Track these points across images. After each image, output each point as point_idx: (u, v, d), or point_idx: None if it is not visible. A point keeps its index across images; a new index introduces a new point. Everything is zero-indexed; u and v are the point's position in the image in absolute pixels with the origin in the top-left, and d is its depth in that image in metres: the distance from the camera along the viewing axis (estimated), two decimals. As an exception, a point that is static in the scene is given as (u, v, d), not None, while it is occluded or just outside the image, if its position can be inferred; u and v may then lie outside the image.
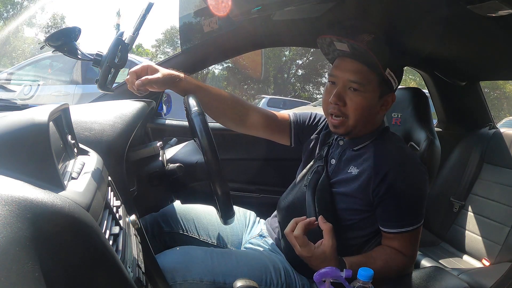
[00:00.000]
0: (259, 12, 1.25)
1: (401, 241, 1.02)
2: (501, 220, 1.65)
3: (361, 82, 0.99)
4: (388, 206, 1.00)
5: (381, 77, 1.00)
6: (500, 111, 13.88)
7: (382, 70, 0.98)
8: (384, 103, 1.05)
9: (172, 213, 1.31)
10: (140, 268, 0.77)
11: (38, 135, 0.56)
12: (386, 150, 1.04)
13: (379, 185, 0.99)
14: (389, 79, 1.01)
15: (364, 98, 1.00)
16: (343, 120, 1.03)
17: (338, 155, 1.11)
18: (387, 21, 1.32)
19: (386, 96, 1.05)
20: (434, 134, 1.20)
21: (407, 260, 1.03)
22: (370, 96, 1.01)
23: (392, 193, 0.99)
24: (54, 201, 0.50)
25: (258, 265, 1.07)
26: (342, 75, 1.01)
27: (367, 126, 1.07)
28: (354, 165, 1.06)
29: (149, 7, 1.13)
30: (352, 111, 1.01)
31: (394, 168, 0.99)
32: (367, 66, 0.99)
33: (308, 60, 13.83)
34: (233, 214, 1.07)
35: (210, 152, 1.00)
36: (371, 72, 0.99)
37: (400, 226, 1.00)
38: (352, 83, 1.00)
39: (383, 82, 1.01)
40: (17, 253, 0.42)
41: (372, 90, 1.01)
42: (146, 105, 1.20)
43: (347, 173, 1.06)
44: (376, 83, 1.00)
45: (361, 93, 1.00)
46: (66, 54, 1.03)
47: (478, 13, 0.96)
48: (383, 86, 1.02)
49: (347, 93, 1.01)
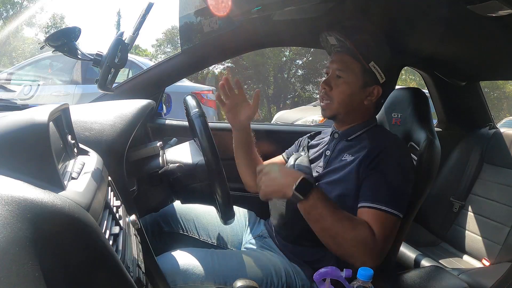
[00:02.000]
0: (259, 12, 1.25)
1: (374, 219, 0.97)
2: (501, 220, 1.65)
3: (343, 69, 1.12)
4: (372, 180, 1.02)
5: (364, 67, 1.10)
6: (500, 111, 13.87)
7: (362, 60, 1.09)
8: (369, 94, 1.14)
9: (172, 213, 1.32)
10: (140, 268, 0.77)
11: (38, 135, 0.56)
12: (380, 135, 1.14)
13: (371, 163, 1.03)
14: (373, 71, 1.11)
15: (346, 84, 1.12)
16: (329, 103, 1.15)
17: (333, 146, 1.18)
18: (387, 21, 1.32)
19: (370, 88, 1.13)
20: (434, 134, 1.20)
21: (373, 241, 0.94)
22: (352, 83, 1.12)
23: (380, 169, 1.01)
24: (54, 201, 0.50)
25: (259, 266, 1.07)
26: (331, 65, 1.15)
27: (355, 114, 1.16)
28: (348, 153, 1.11)
29: (149, 7, 1.13)
30: (336, 94, 1.13)
31: (387, 149, 1.05)
32: (349, 55, 1.11)
33: (308, 60, 13.82)
34: (233, 214, 1.07)
35: (210, 153, 1.01)
36: (355, 62, 1.11)
37: (377, 201, 0.98)
38: (337, 71, 1.13)
39: (367, 73, 1.11)
40: (17, 253, 0.42)
41: (355, 78, 1.12)
42: (146, 105, 1.20)
43: (341, 160, 1.11)
44: (359, 72, 1.11)
45: (344, 79, 1.12)
46: (66, 54, 1.03)
47: (478, 13, 0.96)
48: (366, 77, 1.12)
49: (334, 80, 1.14)
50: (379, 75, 1.12)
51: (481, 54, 1.49)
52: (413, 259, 1.60)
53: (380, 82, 1.13)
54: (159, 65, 1.68)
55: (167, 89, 1.79)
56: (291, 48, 12.53)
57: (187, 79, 5.87)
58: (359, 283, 0.78)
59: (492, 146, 1.80)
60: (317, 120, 5.84)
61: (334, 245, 0.97)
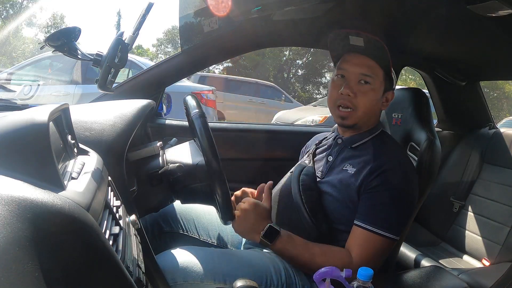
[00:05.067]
0: (259, 12, 1.25)
1: (361, 240, 0.96)
2: (501, 220, 1.65)
3: (371, 76, 1.05)
4: (372, 199, 0.99)
5: (386, 73, 1.07)
6: (500, 111, 13.87)
7: (391, 66, 1.05)
8: (384, 100, 1.10)
9: (172, 213, 1.31)
10: (140, 268, 0.77)
11: (38, 135, 0.56)
12: (386, 149, 1.08)
13: (374, 179, 1.00)
14: (392, 77, 1.09)
15: (373, 91, 1.05)
16: (352, 112, 1.06)
17: (336, 152, 1.14)
18: (387, 21, 1.33)
19: (387, 93, 1.10)
20: (435, 134, 1.20)
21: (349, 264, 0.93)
22: (378, 90, 1.07)
23: (383, 189, 0.99)
24: (54, 201, 0.50)
25: (259, 265, 1.07)
26: (353, 68, 1.06)
27: (370, 121, 1.11)
28: (350, 163, 1.08)
29: (149, 7, 1.13)
30: (362, 103, 1.05)
31: (394, 168, 1.01)
32: (377, 61, 1.05)
33: (308, 60, 13.83)
34: (233, 214, 1.07)
35: (211, 153, 1.01)
36: (379, 67, 1.06)
37: (374, 224, 0.96)
38: (364, 76, 1.04)
39: (387, 79, 1.08)
40: (17, 253, 0.42)
41: (379, 85, 1.07)
42: (146, 105, 1.20)
43: (342, 170, 1.08)
44: (382, 79, 1.06)
45: (371, 86, 1.05)
46: (66, 54, 1.03)
47: (478, 13, 0.96)
48: (386, 83, 1.08)
49: (357, 86, 1.05)
50: (394, 79, 1.09)
51: (481, 54, 1.50)
52: (413, 259, 1.59)
53: (393, 87, 1.10)
54: (159, 65, 1.68)
55: (167, 89, 1.79)
56: (291, 48, 12.54)
57: (187, 79, 5.88)
58: (359, 283, 0.78)
59: (492, 146, 1.80)
60: (317, 120, 5.85)
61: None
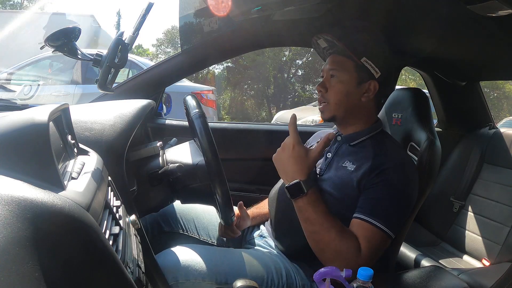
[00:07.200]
0: (259, 12, 1.25)
1: (365, 232, 0.97)
2: (501, 220, 1.65)
3: (336, 69, 1.11)
4: (373, 194, 1.00)
5: (357, 64, 1.08)
6: (500, 111, 13.85)
7: (354, 57, 1.07)
8: (365, 91, 1.11)
9: (172, 213, 1.32)
10: (140, 268, 0.77)
11: (38, 135, 0.56)
12: (388, 148, 1.09)
13: (375, 177, 1.01)
14: (366, 66, 1.08)
15: (340, 83, 1.10)
16: (326, 105, 1.12)
17: (335, 149, 1.15)
18: (387, 21, 1.32)
19: (366, 84, 1.10)
20: (435, 134, 1.20)
21: (356, 256, 0.95)
22: (346, 81, 1.10)
23: (383, 185, 1.00)
24: (54, 201, 0.50)
25: (260, 265, 1.07)
26: (325, 67, 1.14)
27: (355, 114, 1.12)
28: (349, 160, 1.09)
29: (149, 7, 1.13)
30: (331, 95, 1.11)
31: (395, 166, 1.02)
32: (342, 54, 1.10)
33: (308, 60, 13.82)
34: (233, 214, 1.08)
35: (211, 153, 1.01)
36: (347, 60, 1.09)
37: (373, 216, 0.97)
38: (331, 71, 1.12)
39: (360, 69, 1.09)
40: (17, 253, 0.42)
41: (349, 75, 1.10)
42: (146, 105, 1.21)
43: (342, 167, 1.09)
44: (352, 70, 1.09)
45: (338, 78, 1.10)
46: (66, 54, 1.03)
47: (478, 13, 0.96)
48: (360, 73, 1.09)
49: (328, 81, 1.12)
50: (373, 69, 1.08)
51: (481, 54, 1.49)
52: (413, 259, 1.60)
53: (375, 77, 1.10)
54: (159, 65, 1.68)
55: (167, 89, 1.80)
56: (291, 48, 12.53)
57: (187, 79, 5.88)
58: (359, 283, 0.78)
59: (492, 146, 1.80)
60: (317, 120, 5.84)
61: (316, 248, 1.00)
